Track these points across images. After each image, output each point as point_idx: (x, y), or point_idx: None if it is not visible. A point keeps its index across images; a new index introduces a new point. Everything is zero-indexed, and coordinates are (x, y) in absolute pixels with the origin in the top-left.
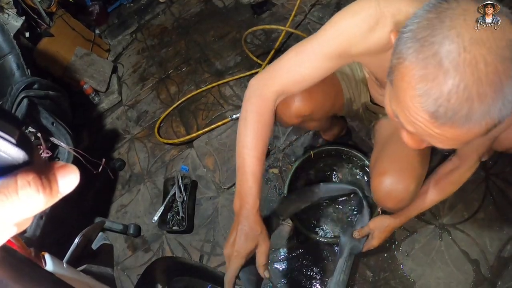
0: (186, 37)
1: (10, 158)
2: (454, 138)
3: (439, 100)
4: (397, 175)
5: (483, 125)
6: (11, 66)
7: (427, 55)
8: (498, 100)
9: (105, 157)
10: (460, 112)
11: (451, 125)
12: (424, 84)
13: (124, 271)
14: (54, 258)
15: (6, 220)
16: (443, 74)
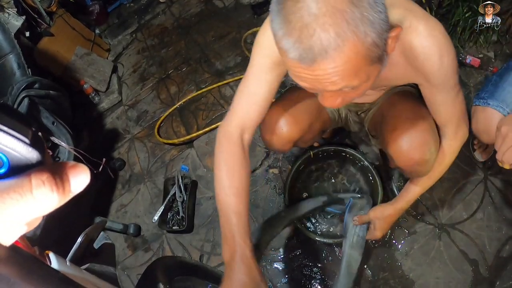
0: (186, 37)
1: (24, 158)
2: (333, 72)
3: (295, 45)
4: (408, 123)
5: (345, 49)
6: (12, 66)
7: (279, 19)
8: (340, 23)
9: (105, 156)
10: (315, 47)
11: (317, 62)
12: (284, 40)
13: (124, 270)
14: (59, 257)
15: (19, 219)
16: (290, 25)
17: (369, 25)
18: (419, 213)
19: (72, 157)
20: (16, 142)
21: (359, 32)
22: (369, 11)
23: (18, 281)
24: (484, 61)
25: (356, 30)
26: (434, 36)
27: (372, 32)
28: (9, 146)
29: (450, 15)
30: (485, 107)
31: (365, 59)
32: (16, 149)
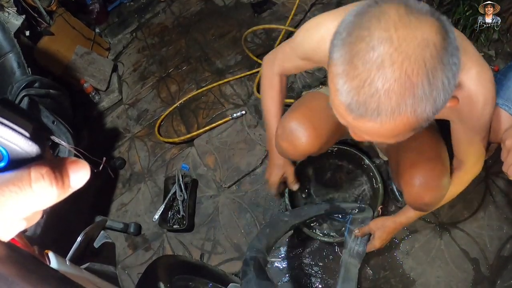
0: (186, 36)
1: (24, 151)
2: (374, 132)
3: (350, 94)
4: (427, 164)
5: (397, 121)
6: (12, 65)
7: (344, 52)
8: (407, 96)
9: (105, 156)
10: (369, 106)
11: (364, 118)
12: (341, 79)
13: (124, 269)
14: (58, 256)
15: (18, 213)
16: (353, 70)
17: (432, 105)
18: (419, 215)
19: (72, 156)
20: (16, 136)
21: (419, 109)
22: (440, 90)
23: (17, 280)
24: (485, 59)
25: (418, 107)
26: (484, 84)
27: (431, 111)
28: (9, 139)
29: (451, 13)
30: None
31: (411, 129)
32: (16, 142)
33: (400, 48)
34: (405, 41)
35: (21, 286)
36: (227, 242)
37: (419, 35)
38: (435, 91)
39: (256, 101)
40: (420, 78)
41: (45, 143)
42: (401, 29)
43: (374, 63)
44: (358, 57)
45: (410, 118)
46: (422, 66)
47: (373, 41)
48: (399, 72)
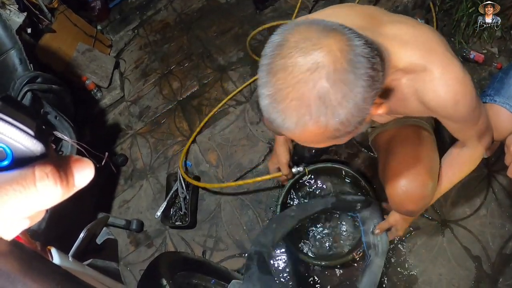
0: (188, 32)
1: (27, 150)
2: (295, 138)
3: (265, 108)
4: (411, 173)
5: (306, 132)
6: (14, 61)
7: (260, 75)
8: (303, 114)
9: (107, 152)
10: (277, 120)
11: (279, 128)
12: (260, 96)
13: (126, 266)
14: (60, 252)
15: (21, 212)
16: (265, 91)
17: (333, 119)
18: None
19: (75, 151)
20: (20, 134)
21: (321, 123)
22: (335, 106)
23: (19, 276)
24: (488, 57)
25: (319, 121)
26: (449, 84)
27: (336, 122)
28: (13, 137)
29: (454, 10)
30: (491, 104)
31: (327, 137)
32: (20, 141)
33: (292, 73)
34: (297, 67)
35: (24, 282)
36: (229, 239)
37: (310, 59)
38: (331, 108)
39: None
40: (312, 98)
41: (49, 141)
42: (294, 56)
43: (275, 86)
44: (267, 81)
45: (316, 130)
46: (312, 88)
47: (275, 68)
48: (293, 94)
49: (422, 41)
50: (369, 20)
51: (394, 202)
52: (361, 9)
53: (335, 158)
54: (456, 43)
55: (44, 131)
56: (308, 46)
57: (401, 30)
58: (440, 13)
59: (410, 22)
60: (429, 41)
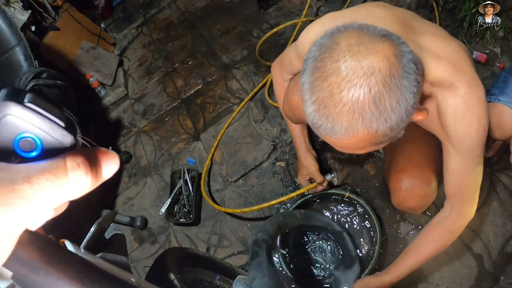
0: (192, 31)
1: (57, 141)
2: (336, 145)
3: (311, 114)
4: (415, 170)
5: (353, 138)
6: (19, 58)
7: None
8: (356, 120)
9: (111, 147)
10: (326, 126)
11: (325, 135)
12: (306, 102)
13: (131, 263)
14: (74, 245)
15: (52, 202)
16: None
17: (384, 125)
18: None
19: (80, 145)
20: (52, 126)
21: (371, 129)
22: (388, 112)
23: (42, 265)
24: (491, 57)
25: (369, 127)
26: (472, 104)
27: (386, 129)
28: (44, 129)
29: (457, 10)
30: (495, 103)
31: (371, 143)
32: (51, 132)
33: (347, 77)
34: (352, 71)
35: (46, 271)
36: (233, 236)
37: (365, 64)
38: (385, 113)
39: (262, 96)
40: (367, 103)
41: (77, 133)
42: (349, 60)
43: (326, 91)
44: (315, 86)
45: (365, 136)
46: (367, 93)
47: (326, 72)
48: (346, 99)
49: (453, 59)
50: (404, 27)
51: (397, 198)
52: (396, 12)
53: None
54: None
55: (73, 123)
56: (362, 50)
57: (435, 43)
58: (443, 13)
59: (442, 34)
60: (460, 59)
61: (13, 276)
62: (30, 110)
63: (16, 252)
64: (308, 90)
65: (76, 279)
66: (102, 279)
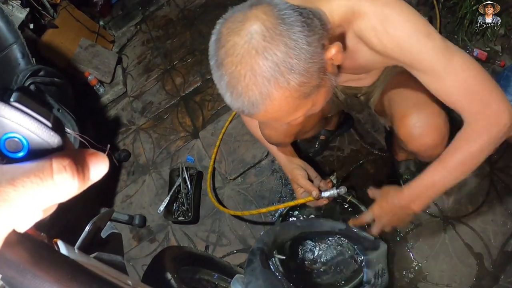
0: (191, 28)
1: (44, 142)
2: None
3: (232, 103)
4: (416, 108)
5: (275, 100)
6: (16, 56)
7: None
8: (262, 84)
9: (110, 148)
10: (245, 106)
11: (254, 115)
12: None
13: (129, 261)
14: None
15: (37, 204)
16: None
17: (289, 72)
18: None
19: (77, 143)
20: (38, 126)
21: (283, 84)
22: (286, 57)
23: (29, 267)
24: (491, 55)
25: (277, 82)
26: (382, 12)
27: (295, 76)
28: (31, 128)
29: (458, 7)
30: None
31: (298, 98)
32: (37, 132)
33: (235, 52)
34: (236, 45)
35: (33, 273)
36: (232, 234)
37: (243, 33)
38: (282, 63)
39: None
40: (260, 63)
41: (65, 133)
42: (231, 39)
43: (228, 74)
44: (220, 76)
45: (283, 94)
46: (255, 55)
47: (220, 60)
48: (244, 70)
49: None
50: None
51: (413, 142)
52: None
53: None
54: (460, 41)
55: (61, 123)
56: (238, 25)
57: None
58: (444, 10)
59: None
60: None
61: (3, 278)
62: (16, 109)
63: (2, 253)
64: (217, 83)
65: (63, 282)
66: (91, 281)
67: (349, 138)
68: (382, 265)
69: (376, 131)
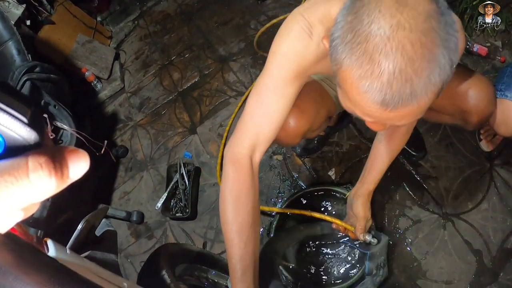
0: (189, 23)
1: (21, 138)
2: (410, 114)
3: (382, 90)
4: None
5: (430, 94)
6: (12, 52)
7: (358, 55)
8: (434, 67)
9: (107, 144)
10: (404, 93)
11: (401, 106)
12: (365, 81)
13: (127, 258)
14: (57, 244)
15: (14, 204)
16: (377, 67)
17: (450, 67)
18: (424, 202)
19: (74, 140)
20: (13, 121)
21: (445, 75)
22: (454, 52)
23: (11, 269)
24: (492, 50)
25: (443, 74)
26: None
27: (451, 72)
28: (5, 125)
29: (457, 2)
30: (502, 99)
31: (438, 96)
32: (13, 128)
33: (412, 27)
34: (413, 19)
35: (15, 275)
36: None
37: (420, 9)
38: (451, 53)
39: None
40: (438, 46)
41: (44, 129)
42: (405, 11)
43: (396, 51)
44: (378, 52)
45: (439, 86)
46: (436, 36)
47: (385, 32)
48: (421, 50)
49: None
50: None
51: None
52: None
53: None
54: None
55: (39, 119)
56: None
57: None
58: None
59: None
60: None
61: None
62: None
63: None
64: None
65: (45, 285)
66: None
67: (348, 134)
68: (383, 257)
69: None
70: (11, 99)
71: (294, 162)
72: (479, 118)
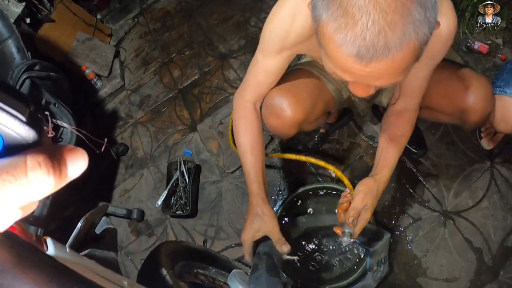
0: (189, 20)
1: (19, 137)
2: (387, 71)
3: (356, 42)
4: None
5: (405, 49)
6: (11, 50)
7: (334, 9)
8: (408, 22)
9: (108, 142)
10: (378, 45)
11: (376, 60)
12: (339, 33)
13: (127, 255)
14: (56, 242)
15: (12, 203)
16: (351, 19)
17: (428, 26)
18: (424, 200)
19: (75, 138)
20: (11, 120)
21: (421, 32)
22: (431, 11)
23: (9, 268)
24: (493, 48)
25: (419, 30)
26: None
27: (429, 32)
28: (4, 123)
29: (459, 0)
30: (502, 95)
31: (416, 58)
32: (12, 127)
33: None
34: None
35: (13, 274)
36: (230, 228)
37: None
38: (427, 11)
39: None
40: (413, 2)
41: (43, 128)
42: None
43: (369, 4)
44: (351, 5)
45: (415, 44)
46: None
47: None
48: (394, 3)
49: None
50: None
51: (474, 109)
52: None
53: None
54: (461, 34)
55: (37, 118)
56: None
57: None
58: None
59: None
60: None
61: None
62: None
63: None
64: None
65: (43, 284)
66: (71, 283)
67: (349, 131)
68: (385, 253)
69: (376, 124)
70: (10, 97)
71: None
72: (477, 118)
